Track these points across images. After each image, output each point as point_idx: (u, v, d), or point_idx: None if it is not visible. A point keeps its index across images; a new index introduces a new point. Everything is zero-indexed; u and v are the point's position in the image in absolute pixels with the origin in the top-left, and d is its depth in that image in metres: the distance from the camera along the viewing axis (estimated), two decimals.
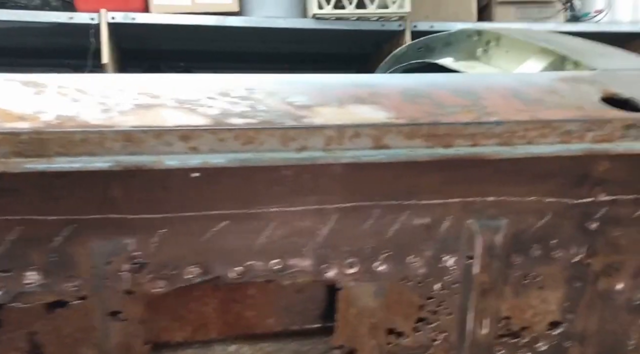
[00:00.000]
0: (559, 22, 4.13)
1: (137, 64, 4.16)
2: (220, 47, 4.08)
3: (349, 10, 3.54)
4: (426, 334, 0.96)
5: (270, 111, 0.83)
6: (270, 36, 3.79)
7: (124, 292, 0.81)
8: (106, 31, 3.34)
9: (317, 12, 3.51)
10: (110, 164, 0.74)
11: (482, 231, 0.91)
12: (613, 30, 4.14)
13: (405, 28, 3.75)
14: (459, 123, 0.85)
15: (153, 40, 3.86)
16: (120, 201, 0.78)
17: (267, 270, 0.87)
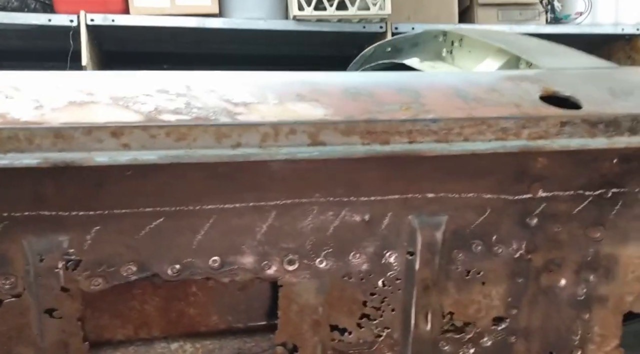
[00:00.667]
0: (541, 24, 4.16)
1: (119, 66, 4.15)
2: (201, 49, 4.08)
3: (329, 12, 3.55)
4: (370, 331, 0.96)
5: (205, 108, 0.84)
6: (251, 38, 3.79)
7: (59, 289, 0.81)
8: (85, 33, 3.33)
9: (297, 13, 3.51)
10: (39, 160, 0.74)
11: (422, 228, 0.91)
12: (594, 32, 4.16)
13: (387, 30, 3.76)
14: (395, 120, 0.85)
15: (134, 42, 3.85)
16: (52, 198, 0.78)
17: (205, 268, 0.87)
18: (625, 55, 4.36)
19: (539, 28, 4.12)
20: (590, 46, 4.51)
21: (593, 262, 0.99)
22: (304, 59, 4.42)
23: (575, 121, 0.90)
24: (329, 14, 3.60)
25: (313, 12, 3.57)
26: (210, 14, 3.55)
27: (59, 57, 3.45)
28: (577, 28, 4.20)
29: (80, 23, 3.37)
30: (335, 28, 3.69)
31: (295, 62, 4.40)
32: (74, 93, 0.83)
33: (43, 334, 0.83)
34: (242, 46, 4.07)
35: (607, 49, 4.43)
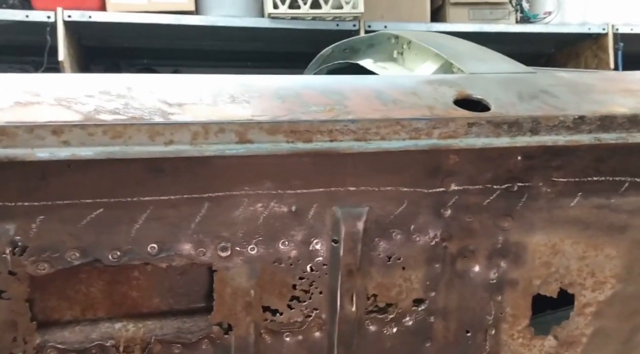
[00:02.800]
0: (510, 23, 4.26)
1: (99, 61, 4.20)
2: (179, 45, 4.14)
3: (303, 10, 3.63)
4: (300, 311, 1.05)
5: (142, 108, 0.92)
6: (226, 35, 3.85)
7: (7, 273, 0.89)
8: (62, 29, 3.39)
9: (272, 11, 3.59)
10: None
11: (345, 218, 1.01)
12: (562, 31, 4.28)
13: (360, 28, 3.84)
14: (317, 120, 0.94)
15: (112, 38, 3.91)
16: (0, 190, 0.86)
17: (144, 254, 0.96)
18: (592, 54, 4.47)
19: (508, 27, 4.23)
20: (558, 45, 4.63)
21: (503, 250, 1.09)
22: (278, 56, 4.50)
23: (482, 122, 1.00)
24: (303, 12, 3.67)
25: (287, 10, 3.65)
26: (186, 11, 3.61)
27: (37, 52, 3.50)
28: (546, 27, 4.31)
29: (57, 19, 3.42)
30: (309, 26, 3.77)
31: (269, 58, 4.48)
32: (21, 94, 0.91)
33: None
34: (218, 43, 4.14)
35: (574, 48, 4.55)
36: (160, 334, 1.02)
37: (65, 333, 1.00)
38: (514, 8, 4.43)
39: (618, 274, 1.14)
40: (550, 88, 1.12)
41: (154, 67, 4.36)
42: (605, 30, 4.30)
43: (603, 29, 4.31)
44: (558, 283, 1.13)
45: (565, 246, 1.11)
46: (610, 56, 4.30)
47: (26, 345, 0.94)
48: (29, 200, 0.88)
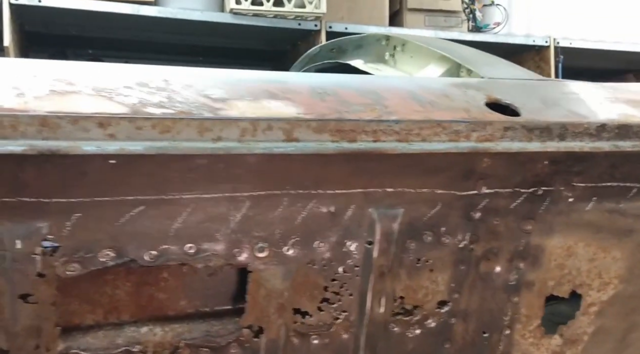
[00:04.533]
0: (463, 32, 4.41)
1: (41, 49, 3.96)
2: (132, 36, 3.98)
3: (266, 8, 3.59)
4: (329, 314, 1.04)
5: (186, 103, 0.88)
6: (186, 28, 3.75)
7: (35, 275, 0.82)
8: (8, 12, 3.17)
9: (234, 7, 3.53)
10: (24, 147, 0.75)
11: (380, 219, 1.00)
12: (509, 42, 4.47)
13: (321, 28, 3.85)
14: (362, 120, 0.93)
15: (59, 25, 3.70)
16: (34, 185, 0.80)
17: (181, 254, 0.91)
18: (534, 65, 4.70)
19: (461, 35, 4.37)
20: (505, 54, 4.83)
21: (524, 252, 1.13)
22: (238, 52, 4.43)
23: (516, 126, 1.02)
24: (266, 9, 3.64)
25: (250, 6, 3.60)
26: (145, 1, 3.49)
27: None
28: (495, 37, 4.49)
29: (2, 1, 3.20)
30: (270, 23, 3.73)
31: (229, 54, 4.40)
32: (53, 82, 0.84)
33: (15, 320, 0.84)
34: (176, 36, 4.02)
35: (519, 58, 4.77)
36: (189, 338, 0.98)
37: (88, 338, 0.93)
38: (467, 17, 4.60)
39: (621, 275, 1.20)
40: (567, 96, 1.17)
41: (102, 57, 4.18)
42: (547, 43, 4.54)
43: (545, 41, 4.55)
44: (570, 284, 1.18)
45: (579, 249, 1.16)
46: (552, 68, 4.55)
47: (48, 352, 0.87)
48: (66, 196, 0.82)
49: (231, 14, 3.63)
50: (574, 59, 4.52)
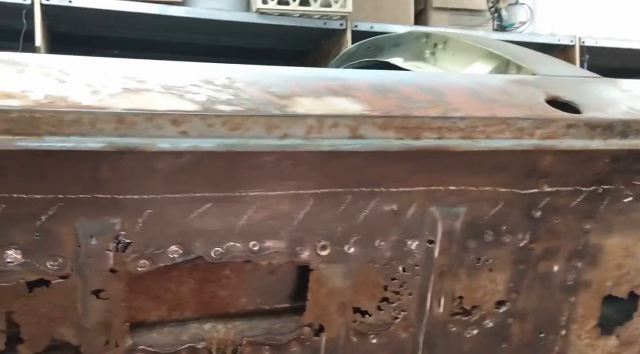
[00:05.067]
0: (488, 31, 4.38)
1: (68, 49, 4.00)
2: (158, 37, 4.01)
3: (292, 7, 3.59)
4: (388, 313, 1.03)
5: (252, 100, 0.88)
6: (212, 28, 3.77)
7: (108, 271, 0.83)
8: (39, 12, 3.21)
9: (261, 6, 3.54)
10: (103, 144, 0.76)
11: (443, 218, 0.99)
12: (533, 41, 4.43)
13: (347, 27, 3.85)
14: (427, 117, 0.92)
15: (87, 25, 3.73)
16: (108, 181, 0.80)
17: (245, 251, 0.91)
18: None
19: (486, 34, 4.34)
20: None
21: (582, 251, 1.11)
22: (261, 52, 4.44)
23: (579, 124, 1.01)
24: (292, 9, 3.64)
25: (276, 6, 3.61)
26: (172, 1, 3.51)
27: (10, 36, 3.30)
28: (520, 36, 4.45)
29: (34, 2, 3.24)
30: (296, 23, 3.74)
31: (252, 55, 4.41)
32: (124, 80, 0.85)
33: (87, 315, 0.84)
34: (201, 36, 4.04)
35: None
36: (251, 336, 0.98)
37: (153, 334, 0.94)
38: (492, 16, 4.57)
39: None
40: (624, 93, 1.15)
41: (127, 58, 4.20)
42: (572, 42, 4.50)
43: (571, 40, 4.50)
44: (629, 284, 1.16)
45: (638, 248, 1.14)
46: None
47: (117, 348, 0.88)
48: (139, 193, 0.82)
49: (257, 13, 3.64)
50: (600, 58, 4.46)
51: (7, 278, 0.79)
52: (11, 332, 0.82)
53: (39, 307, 0.82)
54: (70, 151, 0.75)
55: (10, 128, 0.71)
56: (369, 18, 4.10)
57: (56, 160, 0.76)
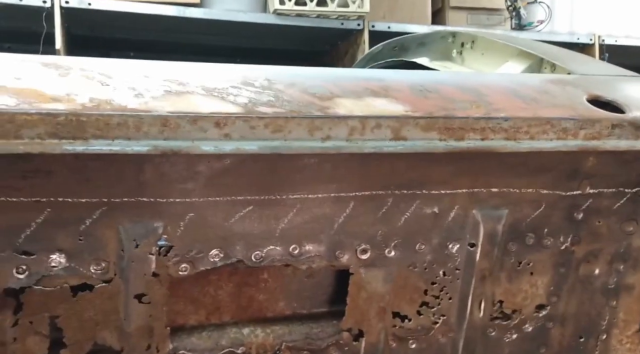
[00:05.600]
0: (506, 30, 4.35)
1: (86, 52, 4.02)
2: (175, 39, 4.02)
3: (309, 8, 3.58)
4: (428, 318, 1.02)
5: (293, 102, 0.86)
6: (230, 30, 3.77)
7: (150, 275, 0.82)
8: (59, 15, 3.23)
9: (278, 7, 3.53)
10: (148, 147, 0.75)
11: (485, 221, 0.98)
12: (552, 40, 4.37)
13: (364, 27, 3.83)
14: (471, 117, 0.91)
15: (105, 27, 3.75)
16: (151, 185, 0.79)
17: (285, 255, 0.90)
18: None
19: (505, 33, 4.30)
20: None
21: (625, 254, 1.09)
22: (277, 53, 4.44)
23: (624, 124, 0.99)
24: (309, 9, 3.64)
25: (294, 6, 3.60)
26: (190, 3, 3.52)
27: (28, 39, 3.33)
28: (538, 35, 4.40)
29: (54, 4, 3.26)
30: (313, 23, 3.73)
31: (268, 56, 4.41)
32: (165, 83, 0.84)
33: (129, 320, 0.84)
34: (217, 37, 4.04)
35: None
36: (289, 340, 0.96)
37: (193, 339, 0.93)
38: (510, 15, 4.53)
39: None
40: None
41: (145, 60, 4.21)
42: (592, 41, 4.44)
43: (590, 39, 4.45)
44: None
45: None
46: None
47: (158, 353, 0.87)
48: (181, 196, 0.81)
49: (274, 14, 3.64)
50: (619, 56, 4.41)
51: (52, 282, 0.78)
52: (54, 337, 0.81)
53: (83, 311, 0.81)
54: (115, 154, 0.75)
55: (57, 132, 0.71)
56: (386, 18, 4.08)
57: (101, 163, 0.75)
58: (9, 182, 0.72)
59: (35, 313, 0.79)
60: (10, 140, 0.69)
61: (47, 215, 0.75)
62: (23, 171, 0.72)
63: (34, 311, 0.79)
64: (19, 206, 0.73)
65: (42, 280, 0.77)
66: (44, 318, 0.80)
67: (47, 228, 0.76)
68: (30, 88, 0.74)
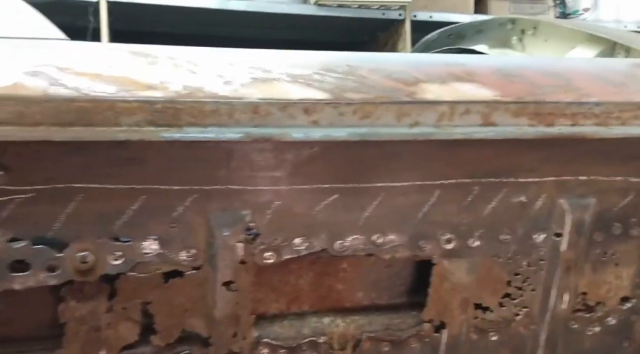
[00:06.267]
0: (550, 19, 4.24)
1: None
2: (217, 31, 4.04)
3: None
4: (509, 309, 0.99)
5: (377, 87, 0.84)
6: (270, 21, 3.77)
7: (238, 262, 0.82)
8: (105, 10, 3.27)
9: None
10: (241, 135, 0.74)
11: (572, 210, 0.94)
12: None
13: (405, 17, 3.78)
14: (562, 102, 0.87)
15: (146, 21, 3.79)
16: (240, 173, 0.78)
17: (368, 244, 0.89)
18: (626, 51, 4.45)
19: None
20: None
21: None
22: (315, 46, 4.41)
23: None
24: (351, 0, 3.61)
25: None
26: None
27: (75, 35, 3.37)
28: None
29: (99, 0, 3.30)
30: (354, 14, 3.71)
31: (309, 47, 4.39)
32: (251, 70, 0.83)
33: (217, 307, 0.83)
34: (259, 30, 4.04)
35: None
36: (370, 331, 0.95)
37: (275, 327, 0.92)
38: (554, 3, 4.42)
39: None
40: None
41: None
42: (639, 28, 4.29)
43: (638, 26, 4.30)
44: None
45: None
46: None
47: (244, 341, 0.87)
48: (268, 183, 0.80)
49: (316, 5, 3.62)
50: None
51: (146, 268, 0.78)
52: (144, 323, 0.82)
53: (173, 298, 0.81)
54: (207, 142, 0.74)
55: (154, 119, 0.70)
56: (428, 7, 4.02)
57: (193, 151, 0.75)
58: (106, 169, 0.72)
59: (129, 299, 0.79)
60: (109, 127, 0.69)
61: (142, 202, 0.75)
62: (120, 158, 0.72)
63: (127, 297, 0.79)
64: (115, 193, 0.74)
65: (136, 266, 0.78)
66: (136, 304, 0.80)
67: (141, 215, 0.76)
68: (124, 76, 0.74)
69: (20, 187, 0.69)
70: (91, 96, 0.67)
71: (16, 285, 0.71)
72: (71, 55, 0.78)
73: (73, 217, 0.73)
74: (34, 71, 0.70)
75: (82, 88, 0.68)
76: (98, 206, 0.73)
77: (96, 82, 0.70)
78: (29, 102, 0.65)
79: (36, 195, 0.70)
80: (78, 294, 0.77)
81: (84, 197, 0.72)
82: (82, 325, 0.78)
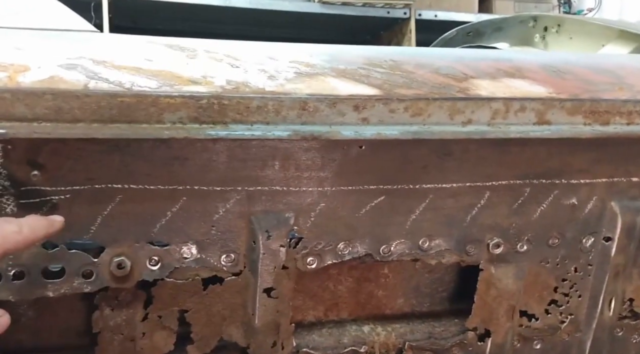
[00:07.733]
0: None
1: None
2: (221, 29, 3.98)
3: None
4: (555, 317, 0.95)
5: (428, 83, 0.80)
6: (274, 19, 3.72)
7: (280, 268, 0.77)
8: (107, 6, 3.22)
9: None
10: (289, 133, 0.69)
11: (623, 212, 0.90)
12: None
13: (410, 16, 3.74)
14: (618, 100, 0.83)
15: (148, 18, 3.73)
16: (285, 173, 0.73)
17: (414, 249, 0.84)
18: None
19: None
20: None
21: None
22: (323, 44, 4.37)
23: None
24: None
25: None
26: None
27: None
28: None
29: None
30: (359, 12, 3.67)
31: None
32: (293, 64, 0.78)
33: (257, 315, 0.78)
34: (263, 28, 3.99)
35: None
36: (412, 339, 0.90)
37: (314, 336, 0.87)
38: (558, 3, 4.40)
39: None
40: None
41: None
42: None
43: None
44: None
45: None
46: None
47: (283, 350, 0.82)
48: (313, 184, 0.75)
49: (320, 3, 3.58)
50: None
51: (184, 274, 0.73)
52: (180, 331, 0.77)
53: (211, 305, 0.76)
54: (251, 140, 0.69)
55: (198, 116, 0.65)
56: (432, 6, 4.00)
57: (236, 149, 0.70)
58: (147, 169, 0.67)
59: (166, 307, 0.74)
60: (152, 124, 0.64)
61: (183, 203, 0.70)
62: (162, 157, 0.67)
63: (164, 305, 0.74)
64: (156, 194, 0.68)
65: (174, 272, 0.72)
66: (173, 312, 0.75)
67: (181, 217, 0.71)
68: (165, 70, 0.69)
69: (56, 188, 0.64)
70: (134, 91, 0.62)
71: (50, 292, 0.66)
72: (106, 47, 0.73)
73: (110, 220, 0.68)
74: (70, 64, 0.65)
75: (124, 82, 0.63)
76: (137, 207, 0.68)
77: (137, 76, 0.65)
78: (68, 96, 0.60)
79: (72, 196, 0.65)
80: (113, 301, 0.72)
81: (123, 199, 0.67)
82: (116, 335, 0.73)
